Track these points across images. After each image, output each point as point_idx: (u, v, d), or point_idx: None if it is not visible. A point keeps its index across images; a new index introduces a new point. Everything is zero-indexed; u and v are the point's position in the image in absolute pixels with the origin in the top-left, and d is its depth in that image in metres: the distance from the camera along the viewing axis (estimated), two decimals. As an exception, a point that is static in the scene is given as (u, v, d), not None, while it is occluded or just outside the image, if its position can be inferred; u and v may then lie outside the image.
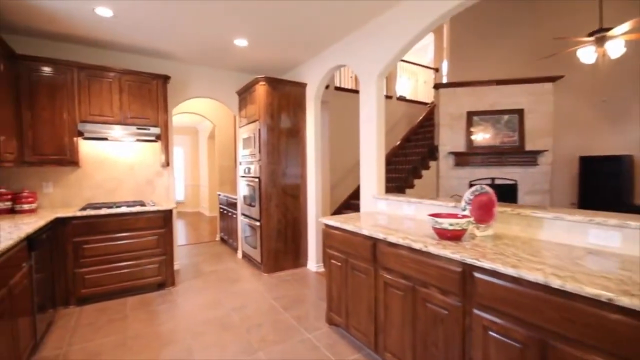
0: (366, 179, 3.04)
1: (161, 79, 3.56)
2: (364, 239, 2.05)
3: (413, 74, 8.70)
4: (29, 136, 2.99)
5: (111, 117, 3.33)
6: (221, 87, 4.32)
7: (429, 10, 2.39)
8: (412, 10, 2.54)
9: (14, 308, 1.81)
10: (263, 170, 3.72)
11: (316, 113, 3.89)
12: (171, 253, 3.38)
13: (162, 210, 3.28)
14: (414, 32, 2.54)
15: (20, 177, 3.21)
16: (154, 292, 3.25)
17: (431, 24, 2.43)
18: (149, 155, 3.85)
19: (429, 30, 2.51)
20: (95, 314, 2.80)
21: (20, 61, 2.92)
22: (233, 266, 4.12)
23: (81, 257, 2.95)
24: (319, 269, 3.88)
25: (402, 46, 2.64)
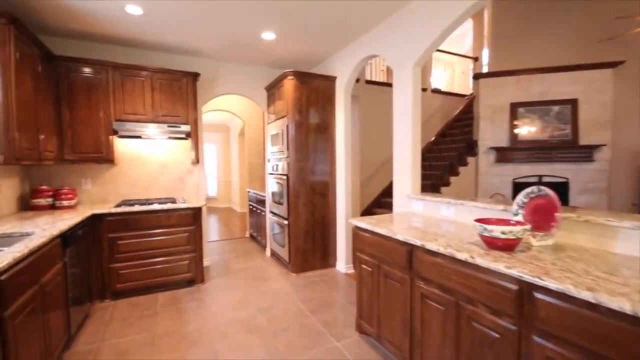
0: (400, 177, 2.83)
1: (191, 77, 3.56)
2: (398, 244, 1.87)
3: (449, 65, 8.21)
4: (68, 135, 3.10)
5: (144, 115, 3.38)
6: (249, 83, 4.27)
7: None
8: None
9: (46, 304, 1.84)
10: (291, 167, 3.62)
11: (346, 107, 3.72)
12: (200, 250, 3.39)
13: (191, 207, 3.29)
14: (452, 18, 2.28)
15: (61, 174, 3.36)
16: (183, 289, 3.28)
17: (470, 8, 2.17)
18: (180, 153, 3.89)
19: (468, 15, 2.25)
20: (128, 308, 2.85)
21: (59, 62, 3.02)
22: (261, 264, 4.08)
23: (116, 253, 3.02)
24: (348, 271, 3.73)
25: (440, 32, 2.40)
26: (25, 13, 2.73)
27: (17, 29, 2.25)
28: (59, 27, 3.05)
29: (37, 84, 2.63)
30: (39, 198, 2.97)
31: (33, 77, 2.56)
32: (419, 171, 2.75)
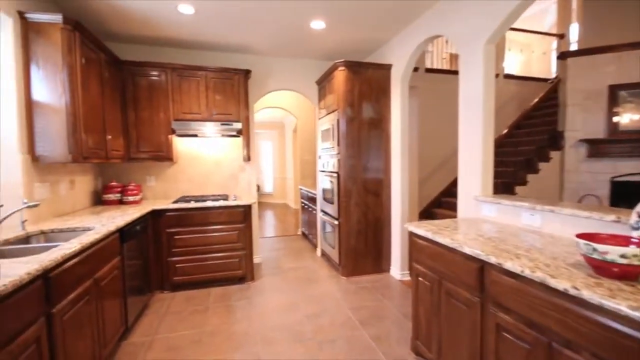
0: (466, 176, 2.43)
1: (242, 74, 3.56)
2: (465, 258, 1.54)
3: (525, 46, 7.17)
4: (133, 135, 3.31)
5: (199, 114, 3.46)
6: (300, 77, 4.15)
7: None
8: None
9: (101, 297, 1.91)
10: (342, 164, 3.41)
11: (402, 99, 3.37)
12: (250, 248, 3.38)
13: (241, 205, 3.28)
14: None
15: (129, 172, 3.62)
16: (235, 285, 3.30)
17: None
18: (232, 151, 3.94)
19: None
20: (183, 302, 2.94)
21: (124, 66, 3.22)
22: (311, 265, 3.96)
23: (173, 247, 3.15)
24: (404, 277, 3.40)
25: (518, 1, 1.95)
26: (92, 21, 2.94)
27: (82, 34, 2.40)
28: (122, 33, 3.25)
29: (104, 87, 2.81)
30: (109, 194, 3.22)
31: (100, 81, 2.74)
32: (491, 169, 2.33)
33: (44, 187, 2.40)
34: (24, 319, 1.20)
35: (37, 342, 1.28)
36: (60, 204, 2.62)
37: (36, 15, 2.18)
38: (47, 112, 2.26)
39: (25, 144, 2.20)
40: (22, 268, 1.25)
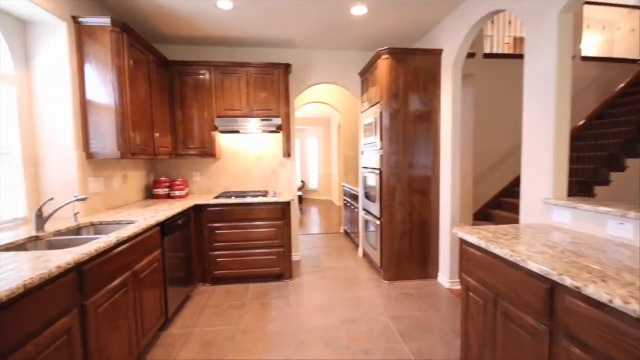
0: (532, 174, 2.06)
1: (282, 68, 3.49)
2: (529, 276, 1.26)
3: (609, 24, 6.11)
4: (180, 132, 3.43)
5: (240, 110, 3.48)
6: (342, 70, 3.97)
7: None
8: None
9: (140, 289, 1.96)
10: (385, 161, 3.17)
11: (455, 88, 3.01)
12: (289, 245, 3.32)
13: (280, 202, 3.23)
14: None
15: (177, 168, 3.78)
16: (273, 283, 3.27)
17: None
18: (273, 147, 3.91)
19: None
20: (222, 296, 2.98)
21: (172, 67, 3.34)
22: (352, 265, 3.79)
23: (214, 242, 3.21)
24: (453, 286, 3.07)
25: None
26: (141, 24, 3.08)
27: (130, 36, 2.51)
28: (169, 35, 3.37)
29: (152, 87, 2.94)
30: (158, 188, 3.39)
31: (148, 81, 2.87)
32: (566, 166, 1.93)
33: (98, 181, 2.57)
34: (54, 311, 1.23)
35: (68, 333, 1.31)
36: (113, 197, 2.80)
37: (88, 19, 2.32)
38: (99, 111, 2.40)
39: (80, 142, 2.36)
40: (55, 261, 1.29)
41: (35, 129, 2.25)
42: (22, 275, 1.12)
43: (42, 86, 2.24)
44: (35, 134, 2.25)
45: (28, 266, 1.23)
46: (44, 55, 2.23)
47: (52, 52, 2.23)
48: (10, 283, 1.05)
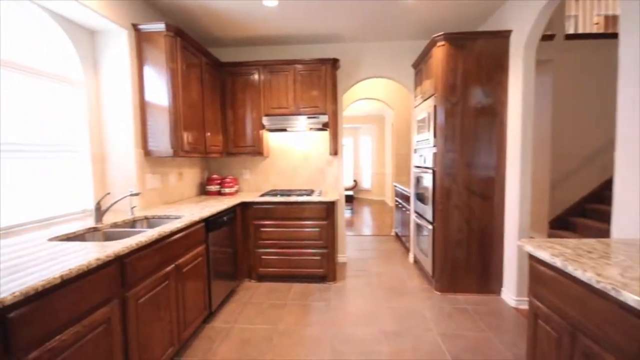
0: (629, 175, 1.64)
1: (329, 63, 3.38)
2: (623, 310, 0.95)
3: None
4: (230, 131, 3.55)
5: (286, 108, 3.47)
6: (393, 62, 3.71)
7: None
8: None
9: (183, 282, 2.02)
10: (438, 159, 2.87)
11: (526, 76, 2.59)
12: (333, 247, 3.21)
13: (324, 201, 3.13)
14: None
15: (229, 166, 3.93)
16: (316, 284, 3.19)
17: None
18: (320, 145, 3.83)
19: None
20: (265, 293, 3.00)
21: (224, 68, 3.46)
22: (401, 272, 3.53)
23: (259, 239, 3.24)
24: (520, 305, 2.65)
25: None
26: (195, 28, 3.23)
27: (183, 40, 2.63)
28: (220, 37, 3.48)
29: (204, 88, 3.06)
30: (210, 185, 3.55)
31: (200, 83, 2.99)
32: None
33: (155, 178, 2.75)
34: (93, 301, 1.29)
35: (108, 322, 1.36)
36: (169, 193, 2.98)
37: (146, 25, 2.48)
38: (155, 111, 2.56)
39: (139, 140, 2.55)
40: (95, 253, 1.35)
41: (102, 129, 2.48)
42: (63, 266, 1.18)
43: (107, 89, 2.46)
44: (102, 133, 2.48)
45: (73, 256, 1.31)
46: (108, 61, 2.44)
47: (115, 58, 2.43)
48: (50, 273, 1.11)
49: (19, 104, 1.86)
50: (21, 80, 1.88)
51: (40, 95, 2.01)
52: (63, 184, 2.17)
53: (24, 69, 1.89)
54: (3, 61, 1.76)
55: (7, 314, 0.95)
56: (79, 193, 2.29)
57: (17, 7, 1.87)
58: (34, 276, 1.08)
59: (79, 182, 2.31)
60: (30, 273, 1.11)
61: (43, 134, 2.03)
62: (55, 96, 2.12)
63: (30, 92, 1.94)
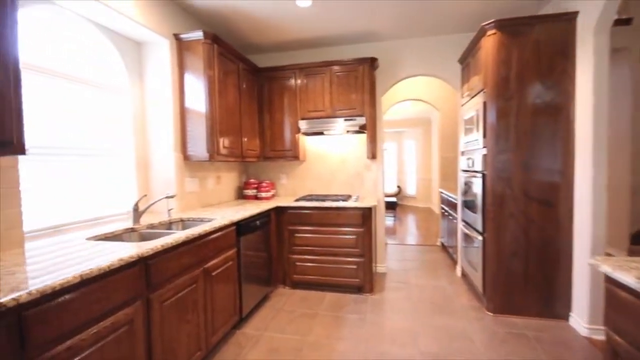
0: None
1: (367, 63, 3.24)
2: None
3: None
4: (267, 136, 3.56)
5: (323, 111, 3.39)
6: (437, 58, 3.44)
7: None
8: None
9: (212, 286, 2.00)
10: (489, 161, 2.56)
11: (598, 66, 2.19)
12: (369, 255, 3.02)
13: (360, 207, 2.97)
14: None
15: (266, 170, 3.95)
16: (351, 295, 3.03)
17: None
18: (358, 148, 3.68)
19: None
20: (298, 301, 2.91)
21: (261, 73, 3.49)
22: (446, 286, 3.21)
23: (293, 245, 3.18)
24: (593, 335, 2.22)
25: None
26: (234, 36, 3.30)
27: (220, 47, 2.69)
28: (257, 42, 3.52)
29: (241, 93, 3.10)
30: (247, 189, 3.58)
31: (237, 88, 3.04)
32: None
33: (194, 181, 2.83)
34: (116, 301, 1.29)
35: (130, 323, 1.36)
36: (207, 196, 3.05)
37: (185, 34, 2.57)
38: (194, 117, 2.64)
39: (178, 144, 2.64)
40: (121, 253, 1.37)
41: (146, 135, 2.61)
42: (81, 267, 1.19)
43: (151, 96, 2.59)
44: (146, 139, 2.61)
45: (97, 255, 1.33)
46: (152, 70, 2.57)
47: (158, 67, 2.56)
48: (70, 272, 1.12)
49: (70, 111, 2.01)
50: (76, 89, 2.03)
51: (89, 103, 2.16)
52: (111, 186, 2.31)
53: (79, 80, 2.04)
54: (59, 73, 1.91)
55: (23, 311, 0.96)
56: (125, 195, 2.42)
57: (68, 23, 2.03)
58: (56, 274, 1.10)
59: (126, 184, 2.44)
60: (60, 269, 1.14)
61: (96, 140, 2.18)
62: (104, 104, 2.27)
63: (81, 99, 2.09)
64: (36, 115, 1.79)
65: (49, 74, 1.86)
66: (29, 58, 1.74)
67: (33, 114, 1.76)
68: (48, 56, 1.86)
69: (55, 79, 1.90)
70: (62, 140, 1.96)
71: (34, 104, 1.77)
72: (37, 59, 1.79)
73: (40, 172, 1.83)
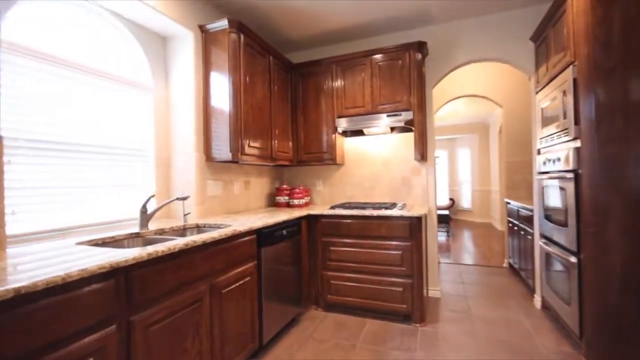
0: None
1: (414, 48, 2.77)
2: None
3: None
4: (301, 137, 3.23)
5: (362, 107, 2.97)
6: (502, 38, 2.86)
7: None
8: None
9: (221, 307, 1.65)
10: (585, 156, 1.91)
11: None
12: (420, 276, 2.47)
13: (407, 216, 2.46)
14: None
15: (302, 176, 3.60)
16: (396, 324, 2.49)
17: None
18: (403, 149, 3.18)
19: None
20: (331, 328, 2.45)
21: (295, 70, 3.21)
22: (522, 320, 2.51)
23: (328, 259, 2.74)
24: None
25: None
26: (265, 28, 3.06)
27: (247, 36, 2.43)
28: (292, 37, 3.24)
29: (271, 90, 2.82)
30: (279, 196, 3.26)
31: (267, 84, 2.76)
32: None
33: (217, 185, 2.58)
34: (76, 326, 0.98)
35: (100, 353, 1.04)
36: (232, 202, 2.78)
37: (211, 24, 2.37)
38: (219, 115, 2.40)
39: (201, 144, 2.41)
40: (86, 261, 1.07)
41: (169, 134, 2.42)
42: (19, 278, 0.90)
43: (176, 94, 2.41)
44: (169, 138, 2.43)
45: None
46: (178, 66, 2.39)
47: (184, 62, 2.38)
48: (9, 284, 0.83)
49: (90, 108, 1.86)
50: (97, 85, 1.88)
51: (111, 100, 2.00)
52: (130, 188, 2.12)
53: (98, 74, 1.90)
54: (76, 64, 1.77)
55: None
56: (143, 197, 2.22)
57: (88, 13, 1.91)
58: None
59: (145, 186, 2.25)
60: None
61: (116, 138, 2.02)
62: (127, 101, 2.12)
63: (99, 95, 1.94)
64: (49, 108, 1.64)
65: (64, 64, 1.72)
66: (41, 46, 1.61)
67: (46, 107, 1.62)
68: (66, 46, 1.73)
69: (73, 72, 1.76)
70: (79, 137, 1.80)
71: (47, 96, 1.63)
72: (48, 47, 1.66)
73: (54, 170, 1.67)
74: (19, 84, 1.53)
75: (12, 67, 1.50)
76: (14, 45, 1.51)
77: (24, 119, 1.55)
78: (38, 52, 1.61)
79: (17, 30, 1.53)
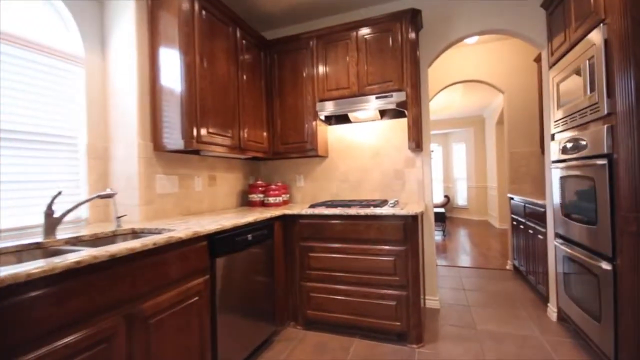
0: None
1: (406, 18, 2.36)
2: None
3: None
4: (277, 125, 2.80)
5: (347, 88, 2.55)
6: (506, 7, 2.46)
7: None
8: None
9: (149, 343, 1.21)
10: (623, 137, 1.50)
11: None
12: (416, 286, 2.05)
13: (400, 215, 2.04)
14: None
15: (280, 171, 3.17)
16: (389, 344, 2.07)
17: None
18: (395, 137, 2.77)
19: None
20: (311, 350, 2.02)
21: (269, 47, 2.77)
22: (537, 337, 2.11)
23: (307, 268, 2.31)
24: None
25: None
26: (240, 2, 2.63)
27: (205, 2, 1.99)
28: (266, 12, 2.82)
29: (238, 68, 2.38)
30: (253, 194, 2.82)
31: (233, 61, 2.31)
32: None
33: (170, 180, 2.12)
34: None
35: None
36: (193, 200, 2.33)
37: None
38: (169, 95, 1.95)
39: (147, 130, 1.95)
40: None
41: (107, 118, 1.97)
42: None
43: (115, 68, 1.95)
44: (107, 123, 1.97)
45: None
46: (118, 33, 1.94)
47: (124, 32, 1.92)
48: None
49: None
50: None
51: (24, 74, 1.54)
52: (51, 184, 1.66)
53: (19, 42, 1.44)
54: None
55: None
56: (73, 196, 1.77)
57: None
58: None
59: (73, 182, 1.79)
60: None
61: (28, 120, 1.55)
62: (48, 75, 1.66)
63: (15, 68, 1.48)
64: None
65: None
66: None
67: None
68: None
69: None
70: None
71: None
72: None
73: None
74: None
75: None
76: None
77: None
78: None
79: None
